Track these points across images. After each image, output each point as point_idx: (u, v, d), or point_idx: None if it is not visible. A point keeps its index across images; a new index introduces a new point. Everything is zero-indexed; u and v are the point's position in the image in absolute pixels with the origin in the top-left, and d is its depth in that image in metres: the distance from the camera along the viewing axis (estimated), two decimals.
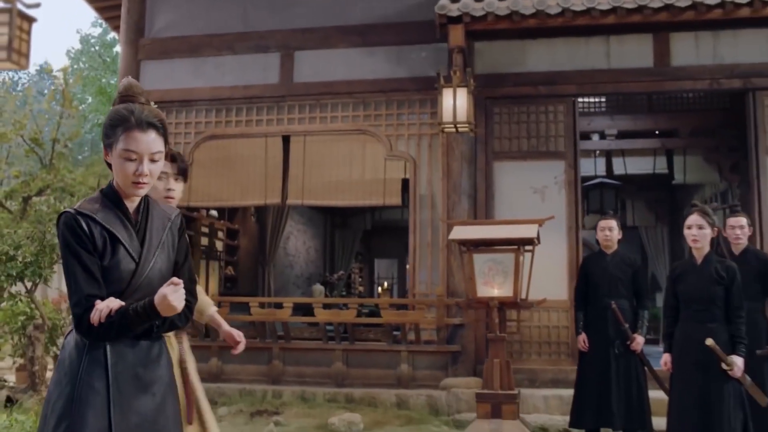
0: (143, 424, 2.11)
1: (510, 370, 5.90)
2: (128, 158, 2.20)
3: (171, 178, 3.11)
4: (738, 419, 4.31)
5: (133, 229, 2.24)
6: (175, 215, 2.40)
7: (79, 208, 2.20)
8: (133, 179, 2.21)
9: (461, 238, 5.89)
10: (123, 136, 2.20)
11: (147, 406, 2.13)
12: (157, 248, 2.25)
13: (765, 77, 7.56)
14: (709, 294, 4.42)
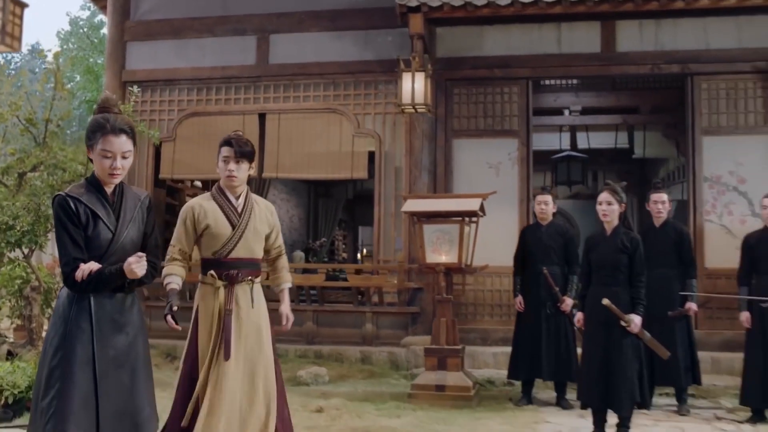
0: (119, 355, 2.83)
1: (455, 328, 6.64)
2: (105, 156, 2.90)
3: (231, 161, 3.78)
4: (633, 369, 5.04)
5: (111, 208, 2.93)
6: (144, 197, 3.09)
7: (69, 192, 2.89)
8: (109, 171, 2.92)
9: (412, 210, 6.58)
10: (101, 139, 2.89)
11: (121, 342, 2.85)
12: (129, 222, 2.95)
13: (701, 63, 8.22)
14: (614, 261, 5.11)
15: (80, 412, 2.69)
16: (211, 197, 3.86)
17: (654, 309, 6.27)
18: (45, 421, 2.68)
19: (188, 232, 3.78)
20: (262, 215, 3.90)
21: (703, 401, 6.75)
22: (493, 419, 5.81)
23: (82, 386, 2.72)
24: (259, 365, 3.69)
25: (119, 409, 2.79)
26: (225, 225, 3.76)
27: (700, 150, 8.24)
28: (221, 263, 3.74)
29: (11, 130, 6.74)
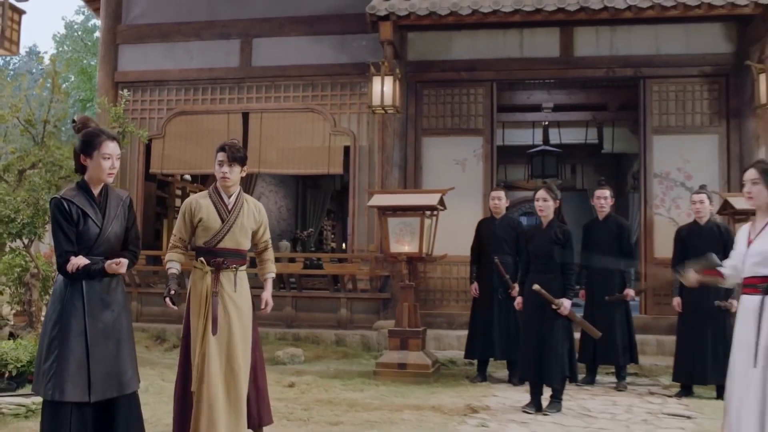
0: (106, 328, 3.48)
1: (417, 312, 7.29)
2: (105, 158, 3.54)
3: (225, 164, 4.43)
4: (564, 346, 5.68)
5: (98, 207, 3.57)
6: (125, 197, 3.74)
7: (63, 195, 3.53)
8: (108, 171, 3.56)
9: (378, 204, 7.22)
10: (101, 145, 3.53)
11: (108, 317, 3.50)
12: (113, 219, 3.60)
13: (652, 67, 8.86)
14: (548, 251, 5.75)
15: (75, 373, 3.34)
16: (207, 195, 4.53)
17: (596, 294, 7.02)
18: (47, 380, 3.33)
19: (186, 224, 4.45)
20: (251, 213, 4.54)
21: (645, 379, 7.42)
22: (446, 393, 6.47)
23: (77, 353, 3.37)
24: (239, 339, 4.34)
25: (107, 371, 3.43)
26: (216, 219, 4.40)
27: (650, 148, 8.89)
28: (210, 252, 4.39)
29: (12, 131, 7.34)
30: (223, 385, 4.25)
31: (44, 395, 3.35)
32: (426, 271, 7.75)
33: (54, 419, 3.33)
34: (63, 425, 3.33)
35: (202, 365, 4.26)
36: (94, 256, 3.48)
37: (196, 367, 4.27)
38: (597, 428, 5.19)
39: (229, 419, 4.20)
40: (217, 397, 4.20)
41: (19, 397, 5.06)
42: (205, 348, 4.25)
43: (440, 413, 5.61)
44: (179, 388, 4.36)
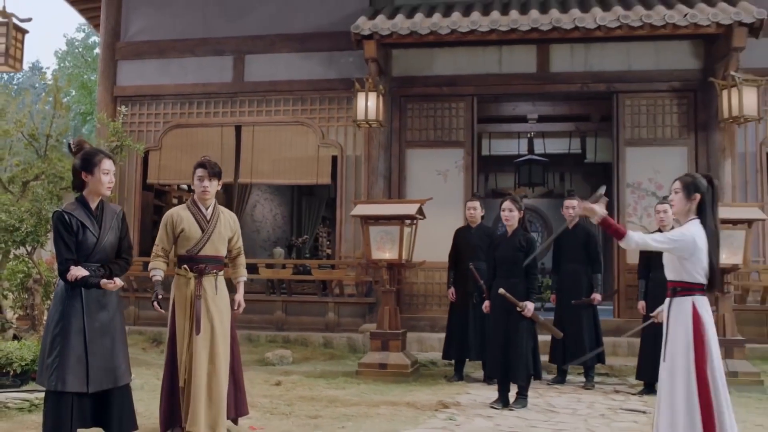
0: (102, 326, 3.93)
1: (397, 315, 7.73)
2: (105, 173, 4.00)
3: (206, 179, 4.91)
4: (528, 346, 6.12)
5: (95, 219, 4.02)
6: (119, 210, 4.19)
7: (65, 209, 3.99)
8: (107, 185, 4.02)
9: (360, 214, 7.66)
10: (101, 162, 3.99)
11: (104, 317, 3.95)
12: (108, 230, 4.05)
13: (624, 82, 9.32)
14: (513, 258, 6.19)
15: (75, 366, 3.79)
16: (186, 207, 4.99)
17: (565, 298, 7.45)
18: (50, 373, 3.78)
19: (168, 234, 4.92)
20: (227, 222, 5.02)
21: (614, 379, 7.85)
22: (423, 391, 6.90)
23: (76, 348, 3.82)
24: (220, 338, 4.81)
25: (103, 366, 3.88)
26: (196, 229, 4.88)
27: (623, 159, 9.34)
28: (192, 259, 4.87)
29: (16, 144, 7.80)
30: (206, 379, 4.72)
31: (48, 386, 3.80)
32: (407, 277, 8.18)
33: (56, 408, 3.78)
34: (65, 413, 3.78)
35: (189, 362, 4.71)
36: (92, 262, 3.93)
37: (184, 364, 4.73)
38: (557, 422, 5.62)
39: (209, 411, 4.67)
40: (200, 390, 4.66)
41: (24, 392, 5.50)
42: (192, 347, 4.72)
43: (413, 408, 6.04)
44: (166, 384, 4.81)
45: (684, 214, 4.07)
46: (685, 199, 4.05)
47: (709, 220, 4.01)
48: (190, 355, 4.73)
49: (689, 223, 4.01)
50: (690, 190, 4.04)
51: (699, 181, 4.06)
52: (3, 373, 5.86)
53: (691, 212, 4.05)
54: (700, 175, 4.11)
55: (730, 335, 7.20)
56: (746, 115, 8.11)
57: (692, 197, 4.03)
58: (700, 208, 4.03)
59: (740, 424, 5.47)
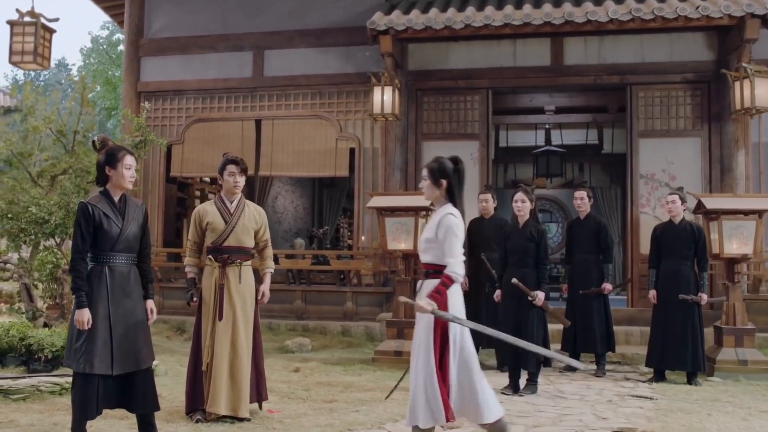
0: (126, 313, 4.17)
1: None
2: (128, 168, 4.23)
3: (237, 175, 5.22)
4: (539, 334, 6.29)
5: (118, 212, 4.25)
6: (140, 204, 4.43)
7: (89, 201, 4.23)
8: (129, 179, 4.27)
9: (375, 205, 7.87)
10: (124, 158, 4.23)
11: (128, 305, 4.19)
12: (131, 221, 4.28)
13: (638, 74, 9.41)
14: (524, 248, 6.36)
15: (101, 350, 4.03)
16: (213, 202, 5.30)
17: (577, 288, 7.60)
18: (78, 356, 4.03)
19: (196, 229, 5.26)
20: (251, 215, 5.29)
21: (626, 367, 8.00)
22: None
23: (102, 333, 4.06)
24: (242, 324, 5.08)
25: (126, 349, 4.12)
26: (220, 222, 5.17)
27: (637, 150, 9.45)
28: (217, 250, 5.16)
29: (45, 140, 8.10)
30: (228, 363, 4.97)
31: (76, 368, 4.05)
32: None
33: (84, 389, 4.04)
34: (91, 394, 4.03)
35: (211, 346, 4.98)
36: (115, 252, 4.17)
37: (207, 348, 4.99)
38: (564, 407, 5.79)
39: (230, 393, 4.92)
40: (221, 372, 4.92)
41: (54, 377, 5.78)
42: (214, 332, 4.99)
43: None
44: (191, 368, 5.09)
45: (436, 199, 4.11)
46: (432, 185, 4.07)
47: (457, 203, 4.03)
48: (213, 340, 4.99)
49: (444, 207, 4.03)
50: (436, 175, 4.05)
51: (445, 165, 4.05)
52: (35, 359, 6.16)
53: (442, 197, 4.07)
54: (446, 159, 4.09)
55: (740, 324, 7.32)
56: (759, 106, 8.18)
57: (439, 183, 4.04)
58: (450, 192, 4.04)
59: (744, 410, 5.65)
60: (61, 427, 4.73)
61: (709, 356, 7.17)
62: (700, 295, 6.94)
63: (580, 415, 5.46)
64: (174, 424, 4.94)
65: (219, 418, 4.95)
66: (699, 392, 6.46)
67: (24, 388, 5.56)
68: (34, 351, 6.16)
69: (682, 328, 6.94)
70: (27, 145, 8.15)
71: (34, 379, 5.70)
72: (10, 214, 7.36)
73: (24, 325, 6.68)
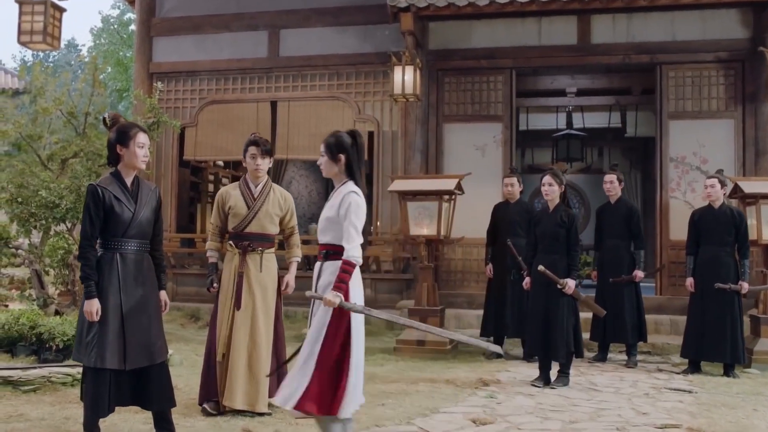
0: (138, 303, 3.90)
1: (435, 291, 7.65)
2: (141, 147, 3.96)
3: (258, 157, 4.92)
4: (569, 323, 5.99)
5: (129, 195, 3.97)
6: (154, 188, 4.15)
7: (99, 183, 3.95)
8: (142, 159, 3.98)
9: (398, 189, 7.58)
10: (137, 135, 3.95)
11: (140, 293, 3.92)
12: (144, 205, 4.00)
13: (668, 53, 9.04)
14: (554, 234, 6.06)
15: (113, 342, 3.77)
16: (237, 185, 5.02)
17: (607, 275, 7.29)
18: (90, 349, 3.77)
19: (219, 212, 5.01)
20: (276, 200, 5.01)
21: (657, 357, 7.70)
22: (461, 368, 6.84)
23: (114, 325, 3.79)
24: (261, 315, 4.80)
25: (140, 342, 3.86)
26: (243, 206, 4.90)
27: (667, 132, 9.09)
28: (238, 236, 4.90)
29: (55, 122, 7.84)
30: (246, 355, 4.71)
31: (87, 363, 3.79)
32: (444, 253, 8.11)
33: (95, 385, 3.77)
34: (103, 390, 3.77)
35: (228, 337, 4.72)
36: (127, 238, 3.90)
37: (223, 338, 4.73)
38: (599, 401, 5.51)
39: (248, 387, 4.66)
40: (238, 365, 4.66)
41: (66, 367, 5.54)
42: (232, 321, 4.72)
43: (453, 386, 5.98)
44: (207, 356, 4.84)
45: (335, 176, 3.80)
46: (330, 161, 3.76)
47: (357, 179, 3.73)
48: (231, 330, 4.73)
49: (346, 185, 3.71)
50: (333, 150, 3.74)
51: (342, 139, 3.75)
52: (46, 348, 5.92)
53: (341, 173, 3.75)
54: (344, 133, 3.79)
55: None
56: None
57: (337, 158, 3.73)
58: (349, 168, 3.74)
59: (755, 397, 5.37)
60: (72, 421, 4.49)
61: (746, 347, 6.85)
62: (741, 284, 6.63)
63: (617, 410, 5.18)
64: (191, 418, 4.69)
65: (238, 411, 4.70)
66: (739, 385, 6.17)
67: (34, 379, 5.33)
68: (45, 340, 5.92)
69: (720, 318, 6.64)
70: (37, 127, 7.91)
71: (45, 370, 5.46)
72: (20, 198, 7.14)
73: (34, 313, 6.44)
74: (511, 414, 5.02)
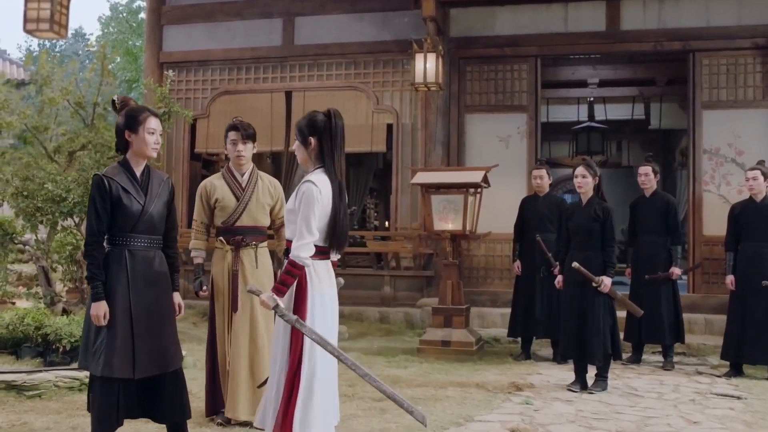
0: (150, 305, 3.53)
1: (460, 289, 7.28)
2: (151, 133, 3.59)
3: (239, 143, 4.50)
4: (606, 324, 5.61)
5: (139, 186, 3.61)
6: (166, 178, 3.77)
7: (105, 173, 3.58)
8: (153, 146, 3.61)
9: (421, 182, 7.21)
10: (147, 120, 3.58)
11: (152, 295, 3.55)
12: (156, 197, 3.63)
13: (702, 40, 8.62)
14: (588, 229, 5.67)
15: (122, 349, 3.41)
16: (221, 176, 4.58)
17: (643, 272, 6.90)
18: (98, 356, 3.41)
19: (204, 206, 4.56)
20: (266, 189, 4.60)
21: (692, 359, 7.30)
22: (490, 371, 6.47)
23: (122, 329, 3.43)
24: (261, 316, 4.41)
25: (151, 347, 3.49)
26: (231, 198, 4.48)
27: (700, 123, 8.68)
28: (229, 230, 4.48)
29: (62, 113, 7.51)
30: (247, 361, 4.35)
31: (94, 371, 3.43)
32: (470, 249, 7.74)
33: (104, 394, 3.41)
34: (111, 401, 3.40)
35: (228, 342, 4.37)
36: (137, 233, 3.54)
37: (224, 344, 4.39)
38: (643, 407, 5.14)
39: (252, 396, 4.30)
40: (240, 373, 4.29)
41: (73, 371, 5.21)
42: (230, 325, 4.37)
43: (484, 390, 5.62)
44: (208, 364, 4.48)
45: (306, 163, 3.40)
46: (301, 145, 3.37)
47: (329, 166, 3.31)
48: (228, 332, 4.39)
49: (313, 174, 3.31)
50: (304, 133, 3.35)
51: (315, 119, 3.35)
52: (52, 350, 5.61)
53: (314, 159, 3.35)
54: (320, 113, 3.38)
55: None
56: None
57: (308, 141, 3.33)
58: (321, 153, 3.33)
59: None
60: (80, 431, 4.15)
61: None
62: None
63: (665, 418, 4.81)
64: (205, 427, 4.36)
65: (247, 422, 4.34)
66: None
67: (40, 383, 5.02)
68: (51, 341, 5.61)
69: (764, 318, 6.24)
70: (43, 118, 7.58)
71: (51, 374, 5.14)
72: (26, 191, 6.82)
73: (40, 312, 6.11)
74: (552, 423, 4.66)
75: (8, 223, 7.20)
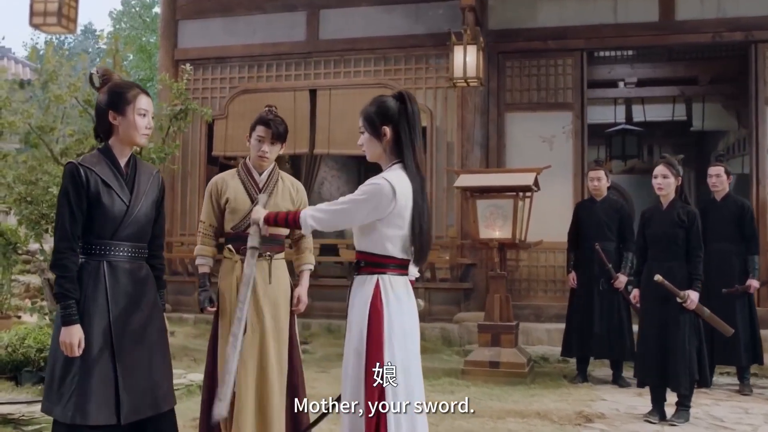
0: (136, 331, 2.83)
1: (509, 304, 6.58)
2: (142, 114, 2.89)
3: (266, 143, 3.75)
4: (692, 345, 4.92)
5: (123, 180, 2.90)
6: (156, 172, 3.06)
7: (81, 161, 2.86)
8: (143, 131, 2.91)
9: (465, 185, 6.52)
10: (135, 100, 2.88)
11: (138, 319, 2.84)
12: (143, 195, 2.92)
13: (766, 30, 7.91)
14: (670, 236, 4.98)
15: (100, 389, 2.70)
16: (236, 173, 3.84)
17: (714, 285, 6.15)
18: (66, 397, 2.69)
19: (213, 207, 3.80)
20: (286, 192, 3.84)
21: (767, 381, 6.57)
22: (547, 396, 5.77)
23: (101, 363, 2.73)
24: (272, 340, 3.67)
25: (138, 385, 2.79)
26: (245, 200, 3.74)
27: (763, 120, 7.99)
28: (240, 237, 3.67)
29: (70, 112, 6.87)
30: (255, 389, 3.64)
31: (62, 417, 2.71)
32: (518, 259, 7.07)
33: None
34: None
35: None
36: (119, 241, 2.85)
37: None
38: None
39: (258, 426, 3.60)
40: (246, 403, 3.58)
41: None
42: None
43: (549, 421, 4.93)
44: (205, 391, 3.73)
45: (380, 158, 2.82)
46: (372, 137, 2.80)
47: (409, 160, 2.74)
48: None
49: (388, 171, 2.75)
50: (375, 122, 2.79)
51: (387, 105, 2.80)
52: None
53: (390, 154, 2.79)
54: (390, 98, 2.83)
55: None
56: None
57: (381, 132, 2.78)
58: (397, 145, 2.76)
59: None
60: None
61: None
62: None
63: None
64: None
65: None
66: None
67: (41, 416, 4.31)
68: None
69: None
70: (49, 117, 6.92)
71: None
72: (29, 197, 6.18)
73: (42, 332, 5.44)
74: None
75: (11, 232, 6.56)
